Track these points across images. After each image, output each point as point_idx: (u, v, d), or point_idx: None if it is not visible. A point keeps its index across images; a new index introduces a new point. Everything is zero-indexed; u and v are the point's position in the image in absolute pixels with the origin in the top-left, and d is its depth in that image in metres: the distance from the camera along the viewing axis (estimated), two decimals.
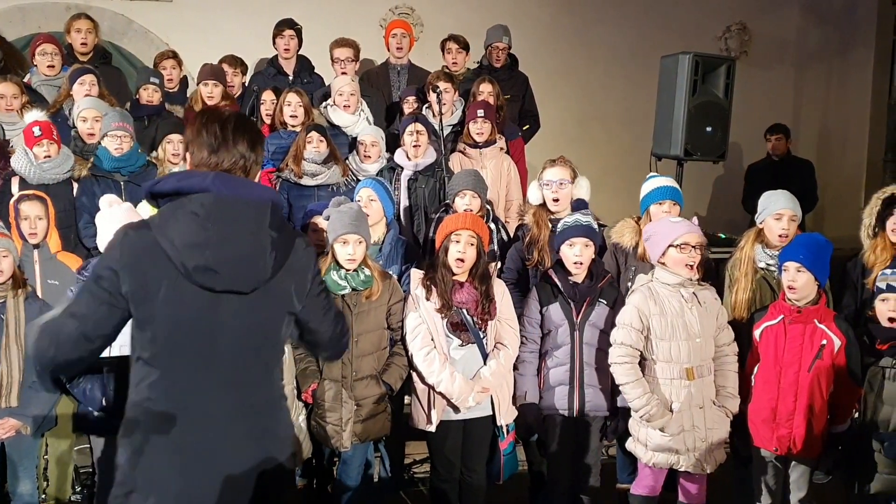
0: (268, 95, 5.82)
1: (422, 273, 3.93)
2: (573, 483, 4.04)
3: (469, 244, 3.82)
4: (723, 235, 6.16)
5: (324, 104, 5.76)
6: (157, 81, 5.76)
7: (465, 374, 3.85)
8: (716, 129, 6.01)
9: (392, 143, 5.57)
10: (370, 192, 4.43)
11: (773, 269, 4.08)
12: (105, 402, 3.78)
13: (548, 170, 4.47)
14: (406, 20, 7.43)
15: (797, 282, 3.73)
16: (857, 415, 3.78)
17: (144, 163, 5.03)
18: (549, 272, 4.04)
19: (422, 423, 3.93)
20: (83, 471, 4.39)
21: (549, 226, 4.38)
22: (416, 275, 3.95)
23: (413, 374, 3.93)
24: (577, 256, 3.93)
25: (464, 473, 3.99)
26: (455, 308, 3.83)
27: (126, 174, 4.92)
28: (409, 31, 6.58)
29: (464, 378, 3.83)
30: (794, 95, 9.08)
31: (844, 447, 3.80)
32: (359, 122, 5.65)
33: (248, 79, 6.50)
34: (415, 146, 5.26)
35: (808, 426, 3.71)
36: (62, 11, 6.92)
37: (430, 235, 4.71)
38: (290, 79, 6.24)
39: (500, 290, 3.94)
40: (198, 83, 5.92)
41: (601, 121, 8.37)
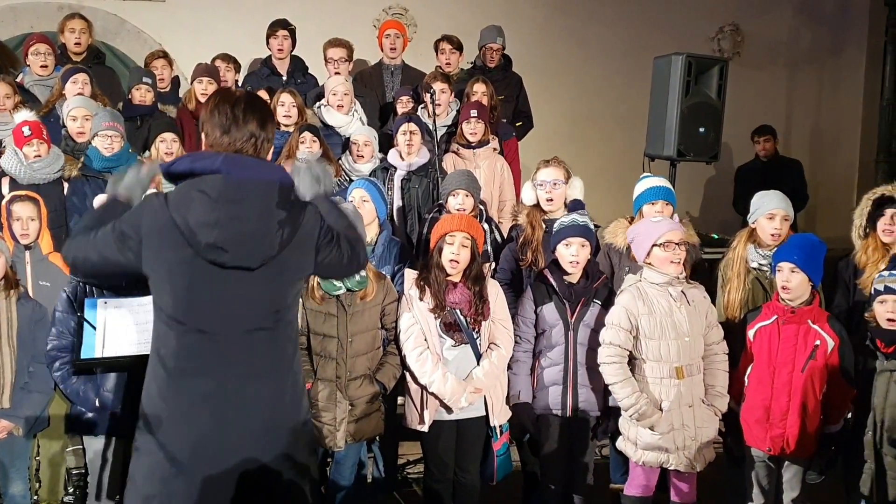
0: (262, 95, 5.81)
1: (416, 273, 3.93)
2: (566, 483, 4.04)
3: (463, 246, 3.82)
4: (716, 236, 6.17)
5: (317, 104, 5.76)
6: (150, 81, 5.75)
7: (459, 375, 3.85)
8: (709, 130, 6.02)
9: (385, 144, 5.57)
10: (363, 193, 4.42)
11: (766, 269, 4.10)
12: (98, 403, 3.78)
13: (541, 170, 4.47)
14: (399, 21, 7.43)
15: (791, 282, 3.74)
16: (850, 415, 3.79)
17: (135, 163, 5.00)
18: (545, 272, 4.04)
19: (415, 423, 3.93)
20: (75, 472, 4.37)
21: (543, 226, 4.38)
22: (410, 275, 3.95)
23: (406, 374, 3.93)
24: (574, 256, 3.93)
25: (457, 474, 3.99)
26: (448, 308, 3.84)
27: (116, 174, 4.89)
28: (403, 32, 6.58)
29: (456, 379, 3.83)
30: (787, 96, 9.09)
31: (840, 449, 3.80)
32: (352, 123, 5.65)
33: (242, 79, 6.50)
34: (408, 145, 5.26)
35: (802, 426, 3.72)
36: (54, 11, 6.91)
37: (424, 235, 4.71)
38: (284, 79, 6.23)
39: (495, 291, 3.94)
40: (192, 81, 5.91)
41: (594, 121, 8.37)
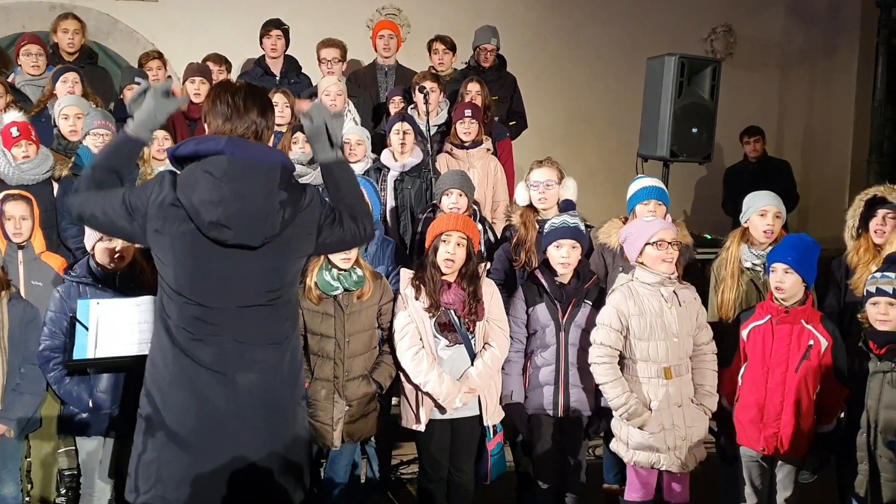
0: None
1: (411, 273, 3.93)
2: (559, 482, 4.05)
3: (458, 245, 3.82)
4: (708, 236, 6.18)
5: None
6: (142, 82, 5.72)
7: (453, 375, 3.85)
8: (701, 131, 6.03)
9: (379, 144, 5.56)
10: None
11: (759, 269, 4.10)
12: (92, 404, 3.76)
13: (535, 171, 4.47)
14: (393, 21, 7.43)
15: (784, 283, 3.75)
16: (843, 415, 3.80)
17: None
18: (536, 272, 4.04)
19: (410, 423, 3.93)
20: (67, 473, 4.35)
21: (537, 227, 4.38)
22: (406, 274, 3.95)
23: (401, 374, 3.92)
24: (564, 258, 3.93)
25: (452, 473, 3.99)
26: (443, 309, 3.83)
27: None
28: (397, 32, 6.58)
29: (451, 379, 3.82)
30: (779, 97, 9.12)
31: (834, 450, 3.80)
32: (345, 123, 5.63)
33: (235, 78, 6.48)
34: (401, 145, 5.25)
35: (795, 426, 3.73)
36: (46, 11, 6.89)
37: (418, 234, 4.70)
38: (278, 79, 6.22)
39: (490, 291, 3.94)
40: (183, 81, 5.88)
41: (588, 122, 8.38)
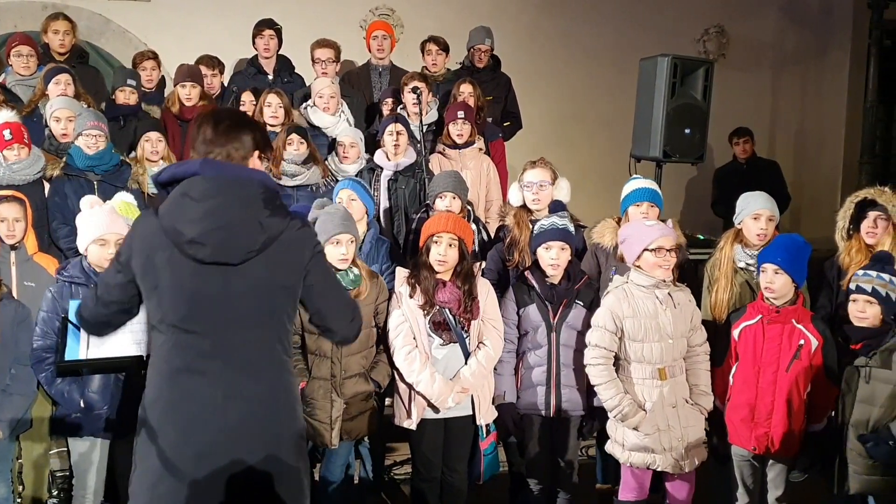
0: (247, 97, 5.79)
1: (406, 272, 3.94)
2: (551, 482, 4.05)
3: (450, 246, 3.83)
4: (701, 237, 6.20)
5: (304, 105, 5.75)
6: (134, 83, 5.70)
7: (447, 374, 3.85)
8: (694, 131, 6.03)
9: (372, 144, 5.56)
10: (350, 193, 4.43)
11: (753, 269, 4.11)
12: (83, 405, 3.75)
13: (528, 171, 4.48)
14: (387, 21, 7.42)
15: (774, 283, 3.76)
16: (834, 414, 3.81)
17: (118, 162, 4.97)
18: (526, 273, 4.05)
19: (403, 420, 3.94)
20: (59, 474, 4.34)
21: (530, 227, 4.38)
22: (401, 273, 3.95)
23: (394, 372, 3.93)
24: (554, 260, 3.94)
25: (445, 473, 3.99)
26: (438, 307, 3.84)
27: (100, 173, 4.86)
28: (390, 33, 6.57)
29: (443, 379, 3.83)
30: (772, 98, 9.13)
31: (822, 447, 3.82)
32: (339, 124, 5.64)
33: (228, 79, 6.47)
34: (395, 146, 5.25)
35: (786, 425, 3.74)
36: (38, 10, 6.85)
37: (412, 233, 4.71)
38: (271, 78, 6.21)
39: (485, 290, 3.95)
40: (174, 84, 5.86)
41: (581, 122, 8.38)
